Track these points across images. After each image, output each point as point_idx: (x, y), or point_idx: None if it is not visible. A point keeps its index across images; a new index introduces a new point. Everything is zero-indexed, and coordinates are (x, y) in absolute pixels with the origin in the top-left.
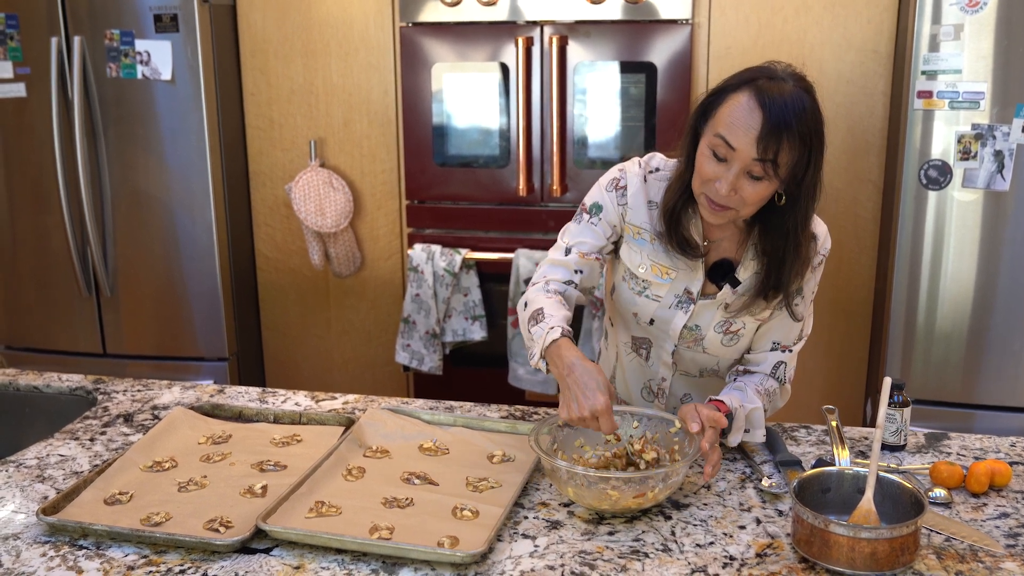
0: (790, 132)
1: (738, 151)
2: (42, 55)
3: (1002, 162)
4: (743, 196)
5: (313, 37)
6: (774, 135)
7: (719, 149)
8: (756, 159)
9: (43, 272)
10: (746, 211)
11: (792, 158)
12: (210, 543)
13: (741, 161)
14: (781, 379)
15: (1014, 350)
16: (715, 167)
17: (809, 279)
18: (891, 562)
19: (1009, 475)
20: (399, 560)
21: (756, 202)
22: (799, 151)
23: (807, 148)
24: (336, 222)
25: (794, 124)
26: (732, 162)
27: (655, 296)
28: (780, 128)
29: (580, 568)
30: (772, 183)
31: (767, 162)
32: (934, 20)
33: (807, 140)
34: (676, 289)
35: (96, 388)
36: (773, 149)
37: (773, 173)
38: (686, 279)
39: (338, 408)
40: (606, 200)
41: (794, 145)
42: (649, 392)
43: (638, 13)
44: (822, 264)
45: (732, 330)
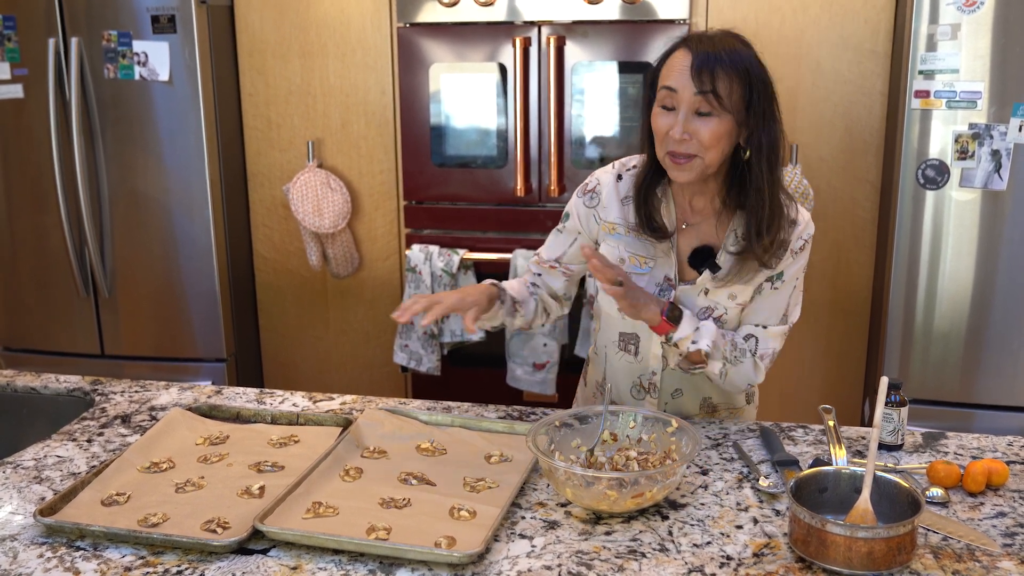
0: (722, 63)
1: (679, 91)
2: (39, 56)
3: (999, 161)
4: (700, 139)
5: (310, 38)
6: (706, 66)
7: (665, 100)
8: (696, 93)
9: (41, 273)
10: (709, 156)
11: (732, 89)
12: (207, 544)
13: (686, 101)
14: (752, 350)
15: (1012, 349)
16: (666, 118)
17: (791, 263)
18: (888, 562)
19: (1006, 474)
20: (396, 560)
21: (714, 143)
22: (738, 83)
23: (746, 81)
24: (334, 223)
25: (724, 57)
26: (679, 106)
27: None
28: (711, 60)
29: (577, 568)
30: (723, 119)
31: (708, 93)
32: (931, 19)
33: (743, 73)
34: (656, 277)
35: (94, 389)
36: (709, 79)
37: (719, 105)
38: (664, 267)
39: (336, 409)
40: (574, 207)
41: (730, 75)
42: (640, 389)
43: (635, 13)
44: (805, 250)
45: (715, 316)
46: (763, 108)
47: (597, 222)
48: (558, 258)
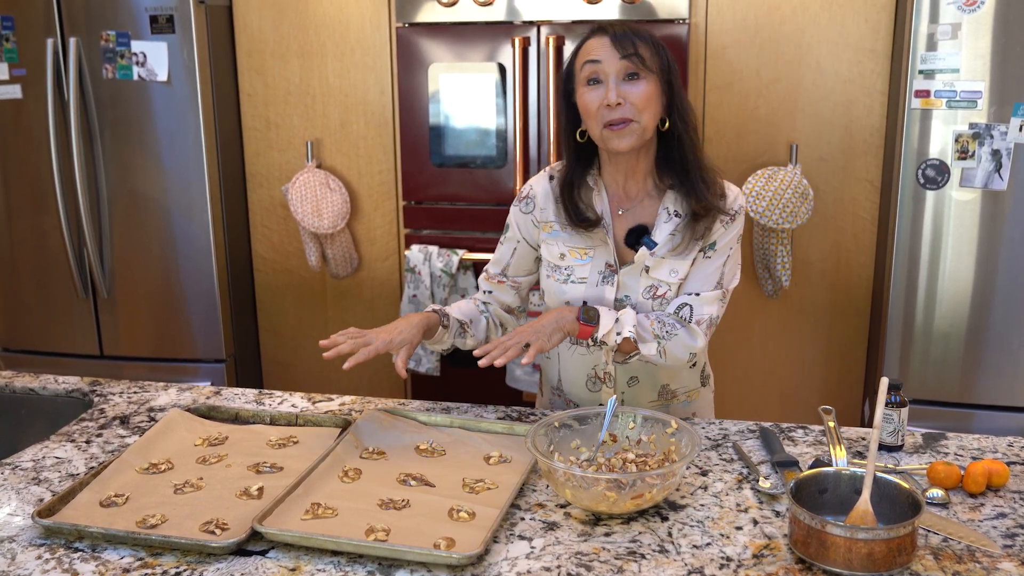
0: (638, 34)
1: (604, 61)
2: (38, 56)
3: (1000, 161)
4: (633, 101)
5: (309, 38)
6: (625, 36)
7: (591, 74)
8: (622, 57)
9: (40, 274)
10: (644, 118)
11: (652, 53)
12: (206, 545)
13: (612, 68)
14: (685, 319)
15: (1012, 349)
16: (596, 91)
17: (723, 233)
18: (888, 563)
19: (1006, 475)
20: (395, 562)
21: (647, 104)
22: (654, 50)
23: (660, 49)
24: (333, 223)
25: (637, 29)
26: (606, 75)
27: (580, 279)
28: (626, 33)
29: (577, 570)
30: (650, 80)
31: (632, 56)
32: (931, 19)
33: (656, 43)
34: (597, 266)
35: (92, 390)
36: (631, 45)
37: (644, 66)
38: (603, 254)
39: (335, 409)
40: (512, 216)
41: (646, 43)
42: (595, 380)
43: (635, 13)
44: (737, 220)
45: (659, 294)
46: (676, 77)
47: (536, 225)
48: (503, 271)
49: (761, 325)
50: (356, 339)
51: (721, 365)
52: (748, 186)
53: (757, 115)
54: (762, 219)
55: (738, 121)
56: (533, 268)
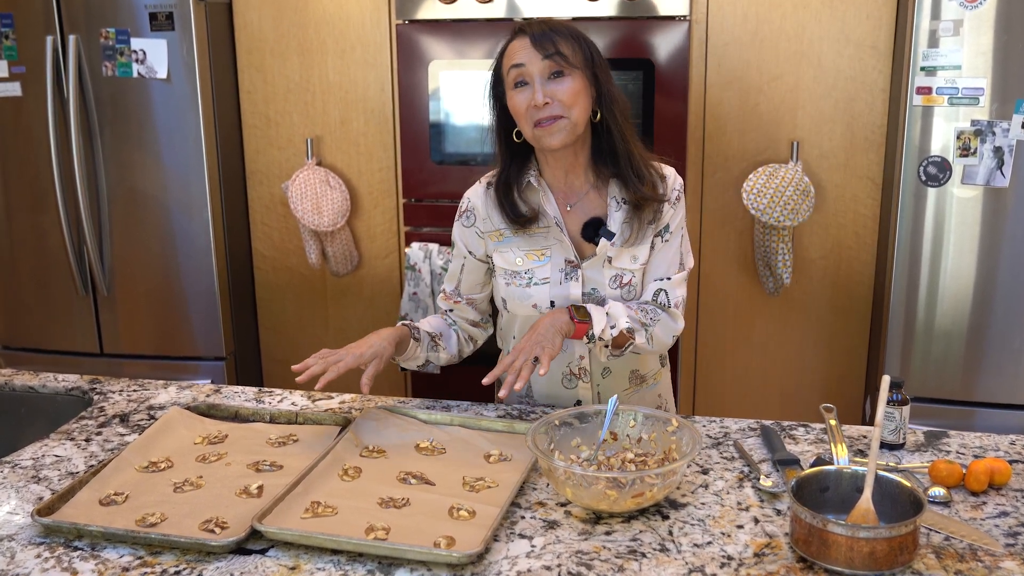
0: (556, 31)
1: (527, 64)
2: (37, 54)
3: (1002, 158)
4: (560, 98)
5: (309, 35)
6: (545, 36)
7: (517, 78)
8: (544, 58)
9: (39, 272)
10: (574, 114)
11: (574, 51)
12: (205, 544)
13: (536, 69)
14: (664, 304)
15: (1014, 347)
16: (523, 93)
17: (673, 214)
18: (890, 562)
19: (1009, 474)
20: (395, 561)
21: (574, 100)
22: (576, 45)
23: (582, 42)
24: (333, 220)
25: (557, 26)
26: (532, 78)
27: (542, 279)
28: (545, 33)
29: (577, 568)
30: (575, 76)
31: (554, 55)
32: (933, 15)
33: (577, 37)
34: (557, 264)
35: (92, 388)
36: (551, 45)
37: (567, 63)
38: (560, 252)
39: (334, 408)
40: (455, 233)
41: (567, 39)
42: (571, 377)
43: (635, 10)
44: (681, 200)
45: (624, 282)
46: (602, 68)
47: (481, 236)
48: (457, 288)
49: (762, 323)
50: (326, 359)
51: (721, 363)
52: (749, 183)
53: (758, 112)
54: (763, 216)
55: (739, 118)
56: (486, 281)
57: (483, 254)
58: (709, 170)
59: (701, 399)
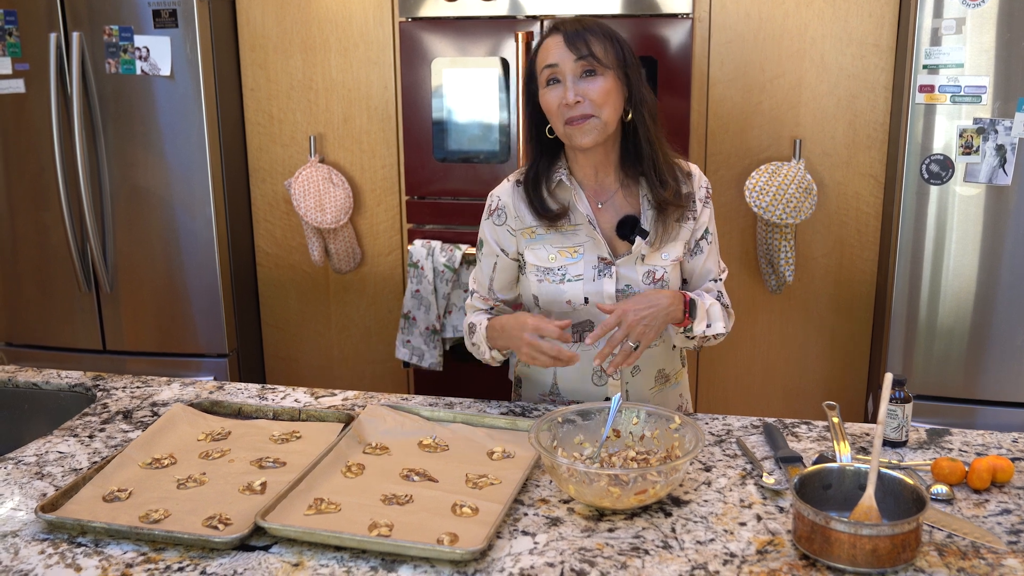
0: (590, 31)
1: (560, 63)
2: (41, 51)
3: (1004, 156)
4: (591, 98)
5: (312, 32)
6: (578, 35)
7: (549, 76)
8: (577, 59)
9: (43, 268)
10: (605, 113)
11: (607, 50)
12: (209, 540)
13: (568, 69)
14: (726, 304)
15: (1016, 345)
16: (555, 91)
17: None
18: (892, 559)
19: (1011, 471)
20: (399, 557)
21: (605, 99)
22: (610, 45)
23: (616, 42)
24: (336, 218)
25: (591, 25)
26: (563, 76)
27: (576, 276)
28: (579, 31)
29: (580, 565)
30: (607, 76)
31: (586, 57)
32: (936, 14)
33: (611, 36)
34: (590, 261)
35: (95, 385)
36: (584, 45)
37: (599, 63)
38: (593, 249)
39: (337, 404)
40: (485, 231)
41: (601, 39)
42: (601, 374)
43: (638, 7)
44: (710, 198)
45: (658, 278)
46: (635, 68)
47: (513, 234)
48: (490, 288)
49: (764, 320)
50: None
51: (724, 360)
52: (752, 181)
53: (761, 110)
54: (766, 214)
55: (742, 116)
56: (516, 279)
57: (515, 252)
58: (712, 168)
59: (704, 396)
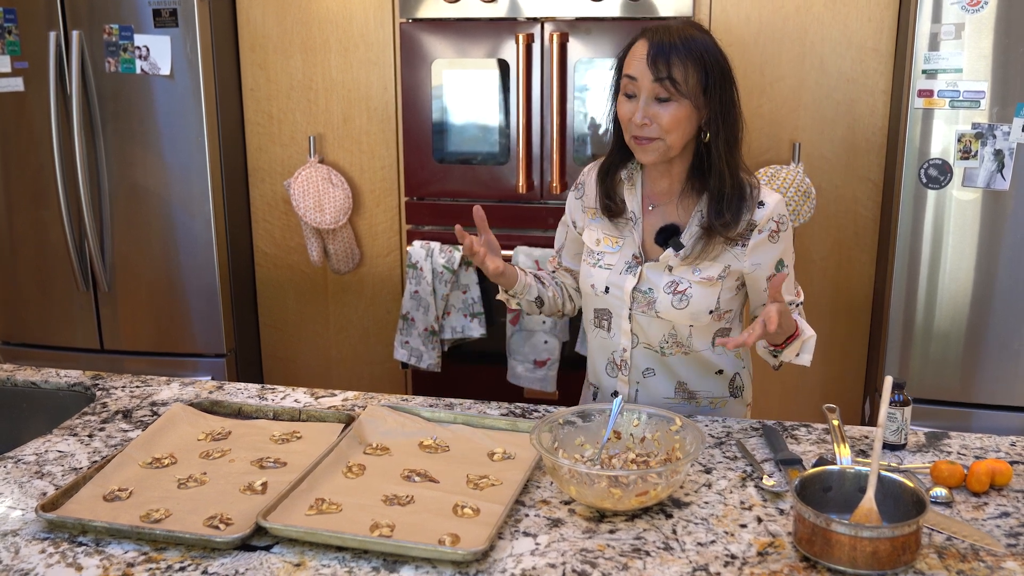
0: (676, 50)
1: (639, 79)
2: (40, 49)
3: (1002, 161)
4: (660, 123)
5: (313, 33)
6: (662, 55)
7: (627, 87)
8: (654, 80)
9: (41, 267)
10: (671, 139)
11: (688, 75)
12: (210, 540)
13: (645, 88)
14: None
15: (1013, 349)
16: (629, 105)
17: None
18: (892, 561)
19: (1010, 474)
20: (400, 558)
21: (674, 126)
22: (694, 69)
23: (702, 66)
24: (335, 218)
25: (679, 44)
26: (640, 93)
27: (607, 265)
28: (666, 49)
29: (581, 566)
30: (681, 104)
31: (665, 80)
32: (935, 19)
33: (700, 59)
34: (625, 256)
35: (95, 384)
36: (664, 67)
37: (676, 91)
38: (631, 246)
39: (338, 405)
40: (568, 202)
41: (685, 62)
42: (613, 366)
43: (638, 10)
44: (788, 230)
45: (679, 290)
46: (720, 92)
47: (583, 211)
48: (559, 251)
49: None
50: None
51: None
52: None
53: (760, 113)
54: None
55: None
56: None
57: (582, 226)
58: None
59: None
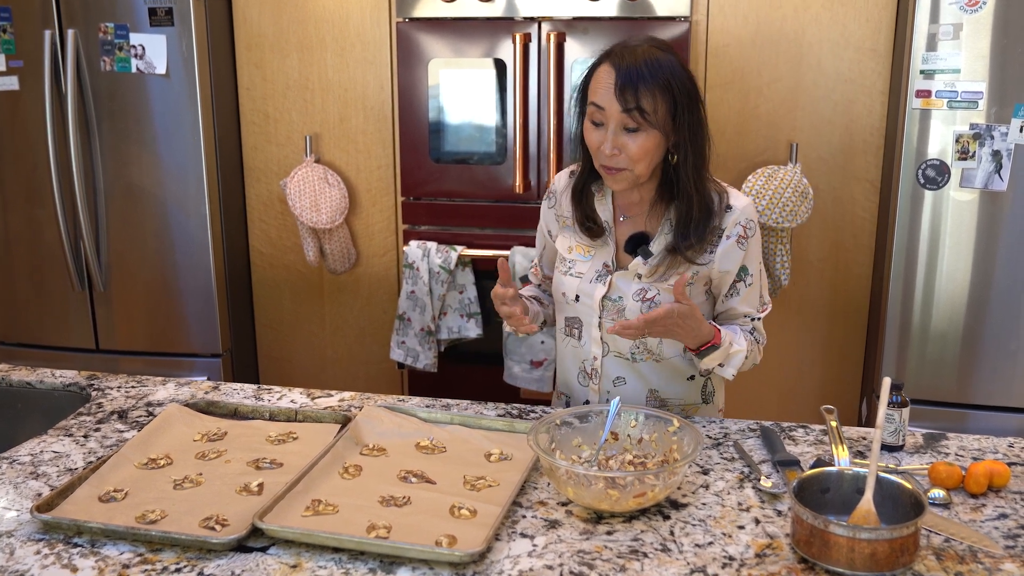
0: (644, 80)
1: (607, 109)
2: (35, 48)
3: (1000, 162)
4: (628, 153)
5: (309, 32)
6: (629, 85)
7: (594, 116)
8: (622, 111)
9: (36, 267)
10: (639, 168)
11: (657, 105)
12: (206, 541)
13: (613, 118)
14: (758, 340)
15: (1009, 350)
16: (597, 134)
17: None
18: (891, 563)
19: (1008, 476)
20: (397, 559)
21: (643, 156)
22: (663, 98)
23: (670, 94)
24: (331, 218)
25: (647, 74)
26: (607, 122)
27: (578, 273)
28: (633, 79)
29: (579, 568)
30: (650, 133)
31: (633, 111)
32: (932, 19)
33: (667, 86)
34: (596, 265)
35: (90, 384)
36: (632, 98)
37: (645, 121)
38: (603, 255)
39: (334, 405)
40: (541, 210)
41: (653, 92)
42: (584, 375)
43: (636, 10)
44: (756, 235)
45: (648, 297)
46: (688, 116)
47: (557, 219)
48: (539, 262)
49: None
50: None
51: None
52: (748, 184)
53: (758, 114)
54: (762, 218)
55: (739, 120)
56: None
57: (555, 235)
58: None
59: None
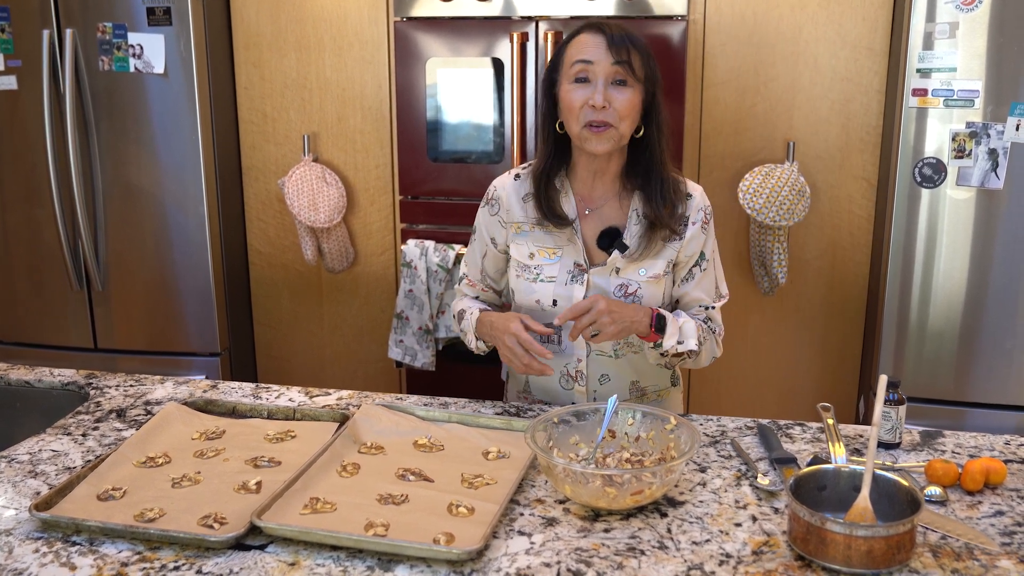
0: (633, 40)
1: (596, 63)
2: (34, 48)
3: (996, 160)
4: (616, 108)
5: (307, 31)
6: (622, 41)
7: (580, 73)
8: (614, 63)
9: (34, 266)
10: (624, 127)
11: (643, 63)
12: (204, 539)
13: (603, 71)
14: (713, 329)
15: (1006, 348)
16: (583, 90)
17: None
18: (887, 560)
19: (1004, 473)
20: (395, 557)
21: (629, 112)
22: (643, 59)
23: (650, 66)
24: (329, 217)
25: (635, 37)
26: (596, 76)
27: (548, 277)
28: (624, 38)
29: (576, 565)
30: (636, 89)
31: (624, 64)
32: (929, 18)
33: (648, 57)
34: (566, 265)
35: (88, 383)
36: (625, 51)
37: (632, 75)
38: (571, 254)
39: (332, 404)
40: (479, 219)
41: (640, 53)
42: (567, 378)
43: (633, 9)
44: (711, 223)
45: (630, 292)
46: (655, 88)
47: (503, 226)
48: (481, 273)
49: (757, 322)
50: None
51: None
52: (745, 183)
53: (754, 112)
54: (759, 216)
55: (735, 118)
56: (505, 269)
57: (503, 244)
58: (705, 170)
59: (696, 397)
